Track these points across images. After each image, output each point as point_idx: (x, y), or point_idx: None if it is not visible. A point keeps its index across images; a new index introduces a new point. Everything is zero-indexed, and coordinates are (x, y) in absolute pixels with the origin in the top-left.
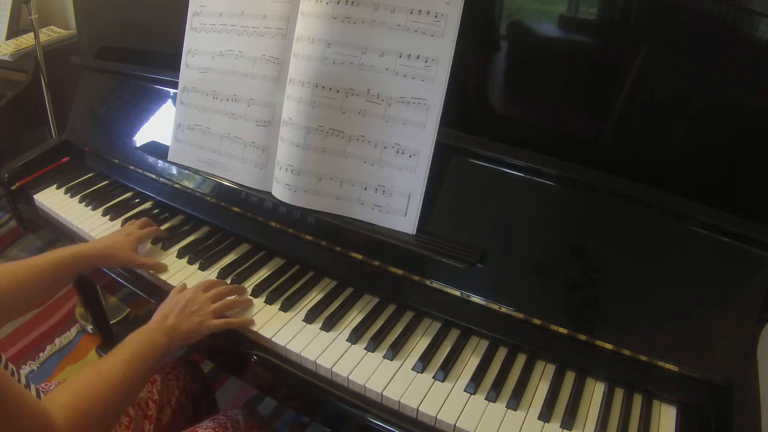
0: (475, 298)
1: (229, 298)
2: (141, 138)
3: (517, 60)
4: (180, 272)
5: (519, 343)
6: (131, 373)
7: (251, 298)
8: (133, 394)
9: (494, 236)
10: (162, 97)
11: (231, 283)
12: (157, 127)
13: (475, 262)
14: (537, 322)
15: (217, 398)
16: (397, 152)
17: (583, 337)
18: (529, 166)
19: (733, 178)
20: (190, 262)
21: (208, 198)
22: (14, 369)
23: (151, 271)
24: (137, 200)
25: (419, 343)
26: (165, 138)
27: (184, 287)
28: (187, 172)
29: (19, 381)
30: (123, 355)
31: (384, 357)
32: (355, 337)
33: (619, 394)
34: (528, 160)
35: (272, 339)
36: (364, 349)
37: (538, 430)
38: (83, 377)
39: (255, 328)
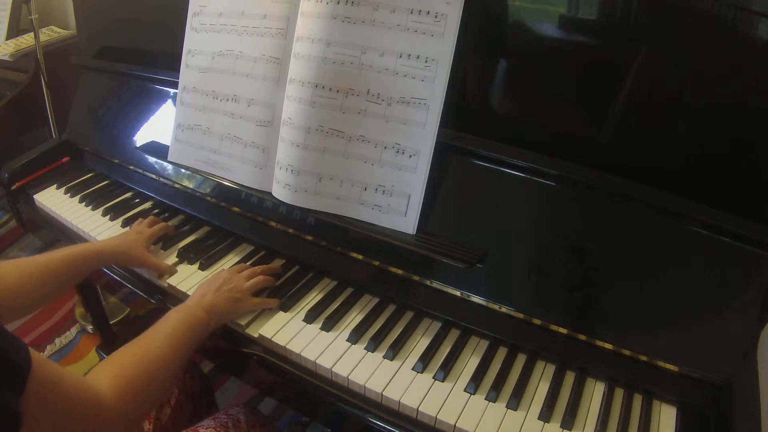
0: (475, 298)
1: (261, 277)
2: (141, 138)
3: (517, 60)
4: (180, 272)
5: (519, 343)
6: (174, 345)
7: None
8: (177, 368)
9: (494, 236)
10: (162, 97)
11: None
12: (157, 127)
13: (475, 262)
14: (537, 322)
15: (216, 398)
16: (397, 152)
17: (583, 337)
18: (529, 166)
19: (733, 178)
20: (190, 262)
21: (208, 198)
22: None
23: (157, 274)
24: (137, 200)
25: (419, 343)
26: (165, 138)
27: (222, 270)
28: (187, 172)
29: None
30: (165, 328)
31: (384, 357)
32: (355, 337)
33: (619, 394)
34: (528, 160)
35: (272, 339)
36: (364, 349)
37: (538, 430)
38: (127, 348)
39: (255, 329)
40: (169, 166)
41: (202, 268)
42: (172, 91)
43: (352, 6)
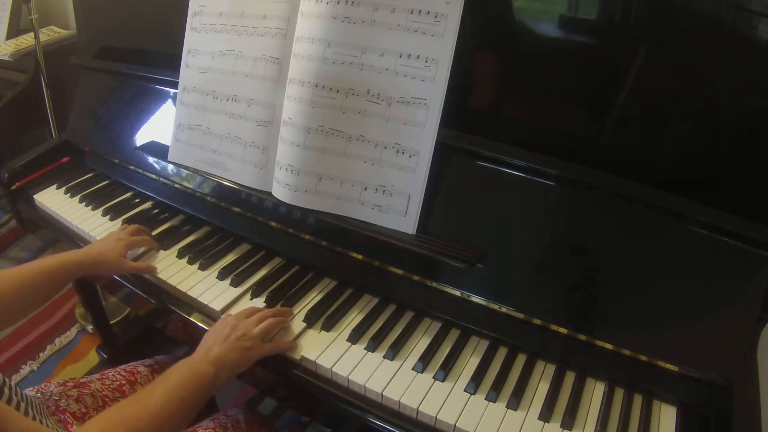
0: (476, 298)
1: (272, 319)
2: (141, 138)
3: (517, 60)
4: (180, 272)
5: (519, 343)
6: (174, 402)
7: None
8: (176, 426)
9: (494, 236)
10: (162, 97)
11: (231, 284)
12: (157, 127)
13: (476, 262)
14: (537, 322)
15: (216, 398)
16: (397, 152)
17: (583, 337)
18: (529, 166)
19: (733, 178)
20: (190, 262)
21: (208, 198)
22: (6, 380)
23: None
24: (137, 200)
25: (419, 343)
26: (165, 138)
27: (228, 317)
28: (187, 172)
29: (11, 395)
30: (165, 383)
31: (384, 357)
32: (355, 337)
33: (619, 394)
34: (528, 160)
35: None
36: (364, 349)
37: (538, 430)
38: (119, 405)
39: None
40: (169, 166)
41: (201, 268)
42: (172, 91)
43: (352, 6)
